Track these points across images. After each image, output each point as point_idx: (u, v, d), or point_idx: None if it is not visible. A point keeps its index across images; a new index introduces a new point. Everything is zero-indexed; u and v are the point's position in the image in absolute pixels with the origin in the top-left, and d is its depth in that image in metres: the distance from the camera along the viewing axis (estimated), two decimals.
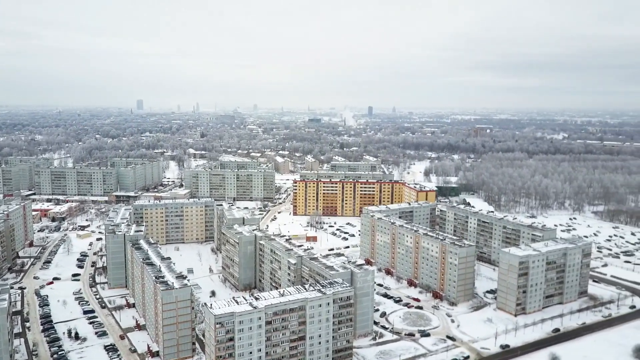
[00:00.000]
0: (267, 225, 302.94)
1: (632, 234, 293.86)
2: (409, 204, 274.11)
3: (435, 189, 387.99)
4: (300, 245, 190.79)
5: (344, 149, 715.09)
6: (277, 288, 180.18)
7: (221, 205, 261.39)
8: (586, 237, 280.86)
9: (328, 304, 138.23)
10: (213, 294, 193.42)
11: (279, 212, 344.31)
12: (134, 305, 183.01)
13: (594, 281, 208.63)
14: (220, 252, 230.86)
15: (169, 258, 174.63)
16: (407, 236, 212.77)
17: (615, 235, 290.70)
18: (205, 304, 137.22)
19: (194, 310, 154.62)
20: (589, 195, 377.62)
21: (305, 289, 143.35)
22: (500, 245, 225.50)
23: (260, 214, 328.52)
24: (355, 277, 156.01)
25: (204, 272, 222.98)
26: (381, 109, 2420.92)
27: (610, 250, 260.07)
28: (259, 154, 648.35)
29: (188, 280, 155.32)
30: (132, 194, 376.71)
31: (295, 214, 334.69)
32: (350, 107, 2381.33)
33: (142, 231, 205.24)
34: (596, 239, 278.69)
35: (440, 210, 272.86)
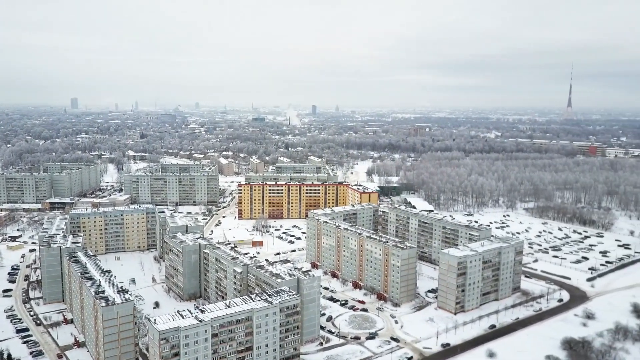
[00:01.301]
0: (212, 231, 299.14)
1: (559, 229, 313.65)
2: (353, 206, 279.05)
3: (378, 189, 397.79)
4: (246, 253, 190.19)
5: (289, 149, 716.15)
6: (223, 297, 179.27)
7: (163, 212, 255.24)
8: (518, 233, 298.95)
9: (275, 313, 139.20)
10: (157, 305, 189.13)
11: (223, 217, 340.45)
12: (72, 321, 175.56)
13: (526, 277, 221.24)
14: (164, 261, 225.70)
15: (109, 271, 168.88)
16: (352, 239, 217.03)
17: (544, 230, 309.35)
18: (148, 319, 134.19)
19: (137, 324, 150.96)
20: (520, 193, 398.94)
21: (252, 299, 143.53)
22: (440, 245, 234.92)
23: (204, 219, 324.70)
24: (302, 284, 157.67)
25: (147, 282, 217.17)
26: (325, 107, 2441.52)
27: (540, 245, 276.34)
28: (201, 155, 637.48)
29: (130, 294, 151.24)
30: (67, 200, 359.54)
31: (240, 218, 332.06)
32: (294, 105, 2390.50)
33: (79, 242, 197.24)
34: (527, 235, 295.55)
35: (383, 212, 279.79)
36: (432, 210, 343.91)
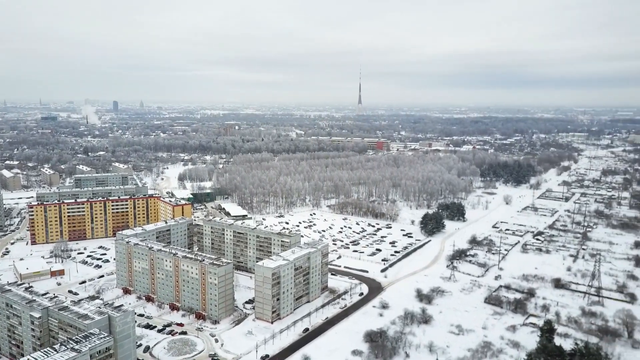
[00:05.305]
0: None
1: (357, 223, 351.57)
2: (166, 222, 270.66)
3: (191, 196, 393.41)
4: (46, 293, 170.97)
5: (89, 154, 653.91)
6: (18, 347, 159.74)
7: None
8: (324, 230, 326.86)
9: None
10: None
11: (12, 243, 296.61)
12: None
13: (332, 274, 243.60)
14: None
15: None
16: (166, 260, 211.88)
17: (345, 226, 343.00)
18: None
19: None
20: (324, 191, 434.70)
21: (56, 349, 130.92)
22: (256, 254, 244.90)
23: None
24: (114, 321, 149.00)
25: None
26: (128, 103, 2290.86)
27: (342, 241, 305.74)
28: None
29: None
30: None
31: (34, 243, 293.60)
32: (92, 101, 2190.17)
33: None
34: (331, 232, 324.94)
35: (197, 225, 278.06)
36: (247, 215, 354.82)
